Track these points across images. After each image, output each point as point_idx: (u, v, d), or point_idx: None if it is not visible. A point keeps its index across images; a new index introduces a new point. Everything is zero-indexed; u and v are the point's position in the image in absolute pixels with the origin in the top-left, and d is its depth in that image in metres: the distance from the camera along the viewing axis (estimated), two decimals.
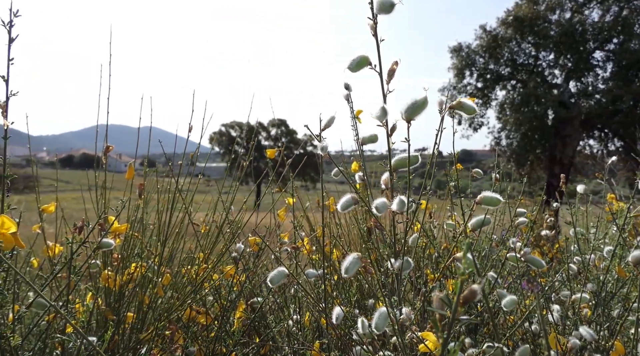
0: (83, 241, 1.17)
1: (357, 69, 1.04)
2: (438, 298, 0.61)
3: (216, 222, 1.96)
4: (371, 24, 1.01)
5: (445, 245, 2.46)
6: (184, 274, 1.89)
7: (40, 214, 1.69)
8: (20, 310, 1.16)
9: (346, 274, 0.97)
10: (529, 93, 17.23)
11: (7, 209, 1.14)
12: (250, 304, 1.71)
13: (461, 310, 0.59)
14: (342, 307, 1.20)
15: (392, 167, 1.10)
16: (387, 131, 1.08)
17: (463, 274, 0.57)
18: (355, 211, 2.50)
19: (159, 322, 1.52)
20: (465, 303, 0.58)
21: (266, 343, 1.66)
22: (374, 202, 1.08)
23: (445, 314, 0.60)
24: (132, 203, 1.78)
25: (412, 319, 1.04)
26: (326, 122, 1.17)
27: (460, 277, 0.58)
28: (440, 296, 0.60)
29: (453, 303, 0.58)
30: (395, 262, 1.15)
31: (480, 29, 18.53)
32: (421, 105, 0.93)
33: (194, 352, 1.57)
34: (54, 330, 1.55)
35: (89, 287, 1.34)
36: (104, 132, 1.81)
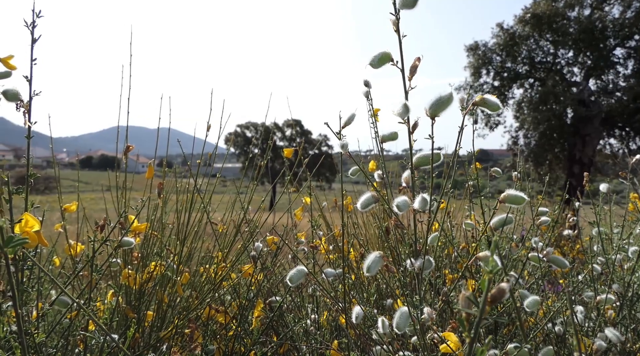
0: (105, 240, 1.18)
1: (378, 66, 1.03)
2: (465, 296, 0.60)
3: (234, 221, 1.96)
4: (393, 20, 1.00)
5: (463, 245, 2.43)
6: (202, 272, 1.90)
7: (63, 213, 1.72)
8: (43, 307, 1.18)
9: (368, 273, 0.96)
10: (548, 91, 16.94)
11: (30, 208, 1.16)
12: (269, 303, 1.71)
13: (488, 309, 0.58)
14: (362, 306, 1.19)
15: (414, 165, 1.09)
16: (408, 129, 1.07)
17: (490, 273, 0.56)
18: (373, 211, 2.49)
19: (179, 320, 1.53)
20: (493, 302, 0.57)
21: (285, 342, 1.65)
22: (395, 200, 1.07)
23: (472, 313, 0.58)
24: (150, 202, 1.80)
25: (434, 319, 1.02)
26: (346, 120, 1.16)
27: (486, 276, 0.57)
28: (467, 295, 0.59)
29: (480, 302, 0.57)
30: (416, 261, 1.13)
31: (497, 27, 18.30)
32: (446, 101, 0.91)
33: (213, 351, 1.57)
34: (76, 327, 1.57)
35: (111, 285, 1.35)
36: (123, 133, 1.83)
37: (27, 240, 0.59)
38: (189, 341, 1.37)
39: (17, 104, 1.07)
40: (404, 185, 1.15)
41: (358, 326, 1.36)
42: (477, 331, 0.58)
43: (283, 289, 2.10)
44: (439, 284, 1.93)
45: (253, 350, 1.59)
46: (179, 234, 1.72)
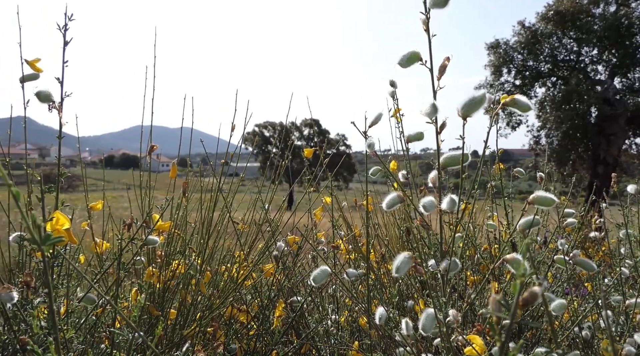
0: (132, 238, 1.20)
1: (407, 65, 1.02)
2: (495, 300, 0.59)
3: (255, 221, 1.98)
4: (423, 19, 0.99)
5: (485, 247, 2.40)
6: (223, 271, 1.91)
7: (89, 211, 1.76)
8: (72, 304, 1.20)
9: (397, 273, 0.95)
10: (571, 90, 16.59)
11: (60, 207, 1.18)
12: (290, 303, 1.72)
13: (520, 313, 0.57)
14: (385, 307, 1.18)
15: (441, 165, 1.08)
16: (436, 128, 1.06)
17: (522, 276, 0.55)
18: (393, 211, 2.47)
19: (203, 319, 1.54)
20: (525, 306, 0.56)
21: (306, 342, 1.66)
22: (422, 201, 1.06)
23: (503, 316, 0.57)
24: (173, 201, 1.82)
25: (459, 321, 1.01)
26: (373, 120, 1.16)
27: (518, 279, 0.56)
28: (498, 298, 0.58)
29: (512, 306, 0.56)
30: (442, 262, 1.12)
31: (518, 25, 18.01)
32: (479, 102, 0.90)
33: (235, 349, 1.59)
34: (101, 324, 1.60)
35: (139, 282, 1.38)
36: (145, 133, 1.86)
37: (63, 238, 0.60)
38: (212, 340, 1.39)
39: (49, 105, 1.09)
40: (430, 185, 1.14)
41: (381, 327, 1.35)
42: (508, 335, 0.57)
43: (303, 289, 2.10)
44: (461, 287, 1.91)
45: (275, 350, 1.60)
46: (203, 233, 1.74)
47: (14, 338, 1.15)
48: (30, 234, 0.60)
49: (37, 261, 1.30)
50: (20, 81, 1.45)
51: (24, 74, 1.43)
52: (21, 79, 1.44)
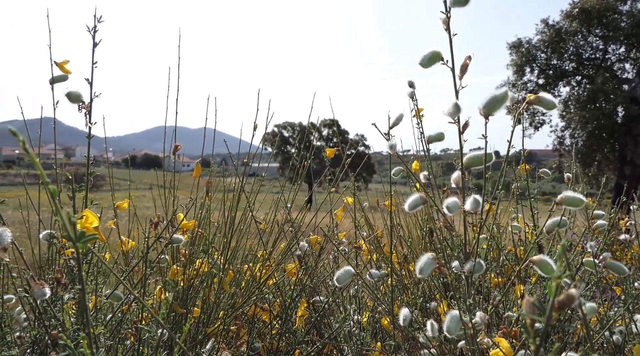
0: (158, 236, 1.22)
1: (428, 65, 1.01)
2: (529, 302, 0.58)
3: (278, 221, 1.99)
4: (444, 18, 0.98)
5: (509, 249, 2.36)
6: (245, 270, 1.93)
7: (115, 210, 1.79)
8: (101, 301, 1.23)
9: (421, 274, 0.94)
10: (597, 89, 16.19)
11: (90, 205, 1.21)
12: (313, 303, 1.72)
13: (555, 316, 0.56)
14: (410, 309, 1.17)
15: (464, 166, 1.07)
16: (459, 128, 1.05)
17: (559, 278, 0.54)
18: (416, 212, 2.45)
19: (227, 317, 1.56)
20: (561, 309, 0.55)
21: (329, 342, 1.66)
22: (445, 201, 1.05)
23: (538, 319, 0.56)
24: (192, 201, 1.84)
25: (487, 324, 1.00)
26: (394, 120, 1.15)
27: (555, 281, 0.54)
28: (532, 301, 0.57)
29: (547, 309, 0.55)
30: (466, 264, 1.11)
31: (542, 23, 17.66)
32: (501, 100, 0.89)
33: (258, 348, 1.60)
34: (127, 320, 1.63)
35: (167, 280, 1.40)
36: (168, 133, 1.88)
37: (96, 236, 0.61)
38: (235, 338, 1.40)
39: (79, 105, 1.12)
40: (453, 186, 1.13)
41: (405, 328, 1.34)
42: (543, 338, 0.56)
43: (324, 290, 2.10)
44: (485, 289, 1.88)
45: (298, 349, 1.60)
46: (226, 232, 1.75)
47: (45, 332, 1.18)
48: (65, 232, 0.61)
49: (66, 258, 1.33)
50: (50, 82, 1.49)
51: (53, 76, 1.46)
52: (51, 81, 1.48)
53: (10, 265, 1.30)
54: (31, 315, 1.49)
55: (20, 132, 0.57)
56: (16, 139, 0.51)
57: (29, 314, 1.50)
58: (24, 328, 1.55)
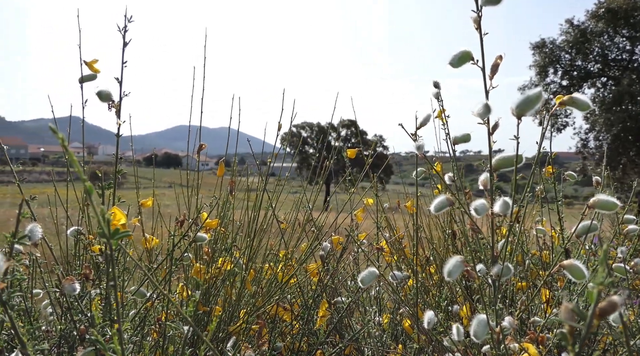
0: (184, 234, 1.23)
1: (459, 65, 1.00)
2: (568, 308, 0.56)
3: (299, 221, 1.99)
4: (475, 17, 0.96)
5: (534, 252, 2.32)
6: (266, 270, 1.93)
7: (140, 208, 1.82)
8: (127, 297, 1.25)
9: (449, 277, 0.93)
10: (623, 91, 15.81)
11: (117, 203, 1.23)
12: (334, 303, 1.72)
13: (596, 323, 0.54)
14: (435, 311, 1.16)
15: (493, 168, 1.05)
16: (488, 129, 1.03)
17: (601, 284, 0.52)
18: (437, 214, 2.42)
19: (249, 316, 1.56)
20: (603, 315, 0.53)
21: (350, 343, 1.65)
22: (473, 203, 1.03)
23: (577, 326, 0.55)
24: (215, 199, 1.85)
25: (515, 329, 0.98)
26: (422, 121, 1.14)
27: (597, 287, 0.53)
28: (571, 307, 0.55)
29: (588, 316, 0.53)
30: (493, 268, 1.09)
31: (566, 24, 17.33)
32: (534, 100, 0.87)
33: (280, 348, 1.60)
34: (151, 317, 1.65)
35: (193, 278, 1.41)
36: (186, 132, 1.90)
37: (129, 233, 0.62)
38: (257, 338, 1.40)
39: (109, 104, 1.14)
40: (480, 188, 1.11)
41: (429, 331, 1.33)
42: (582, 345, 0.54)
43: (345, 291, 2.09)
44: (510, 293, 1.85)
45: (320, 350, 1.60)
46: (249, 232, 1.76)
47: (73, 327, 1.20)
48: (99, 228, 0.62)
49: (94, 254, 1.36)
50: (80, 81, 1.51)
51: (82, 75, 1.49)
52: (80, 80, 1.51)
53: (40, 260, 1.33)
54: (57, 309, 1.52)
55: (47, 130, 0.58)
56: (56, 137, 0.52)
57: (55, 308, 1.53)
58: (49, 322, 1.58)
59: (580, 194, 39.32)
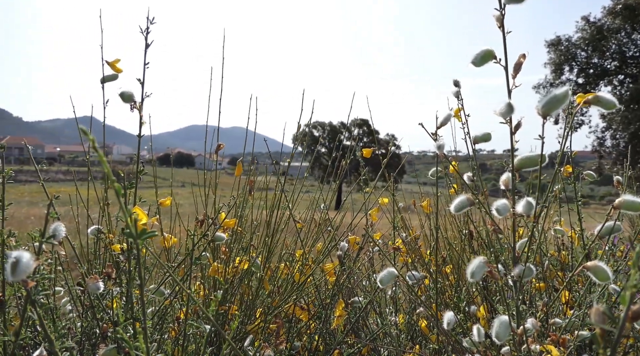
0: (204, 234, 1.24)
1: (481, 64, 0.99)
2: (599, 311, 0.55)
3: (315, 220, 1.99)
4: (497, 16, 0.95)
5: (552, 252, 2.29)
6: (282, 269, 1.94)
7: (158, 208, 1.83)
8: (147, 295, 1.26)
9: (472, 278, 0.92)
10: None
11: (138, 202, 1.24)
12: (351, 303, 1.72)
13: (629, 326, 0.53)
14: (454, 312, 1.15)
15: (516, 167, 1.04)
16: (510, 129, 1.02)
17: (634, 287, 0.51)
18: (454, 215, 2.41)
19: (267, 315, 1.57)
20: (635, 319, 0.52)
21: (368, 343, 1.65)
22: (495, 203, 1.02)
23: (609, 329, 0.54)
24: (227, 199, 1.86)
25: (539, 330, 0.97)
26: (442, 121, 1.13)
27: (629, 289, 0.52)
28: (603, 309, 0.55)
29: (620, 318, 0.53)
30: (515, 268, 1.08)
31: (582, 21, 17.07)
32: (561, 99, 0.85)
33: (298, 347, 1.60)
34: (170, 316, 1.67)
35: (216, 279, 1.42)
36: (199, 132, 1.91)
37: (156, 232, 0.63)
38: (275, 337, 1.40)
39: (131, 105, 1.15)
40: (502, 188, 1.10)
41: (448, 332, 1.32)
42: (614, 349, 0.54)
43: (361, 291, 2.09)
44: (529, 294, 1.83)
45: (337, 349, 1.60)
46: (267, 232, 1.77)
47: (96, 325, 1.22)
48: (126, 228, 0.63)
49: (115, 253, 1.37)
50: (101, 81, 1.53)
51: (104, 75, 1.51)
52: (102, 80, 1.52)
53: (62, 259, 1.35)
54: (79, 307, 1.54)
55: (63, 130, 0.59)
56: (87, 138, 0.52)
57: (77, 306, 1.56)
58: (69, 320, 1.60)
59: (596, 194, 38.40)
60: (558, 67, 17.22)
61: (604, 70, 17.00)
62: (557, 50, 17.09)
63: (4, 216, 1.11)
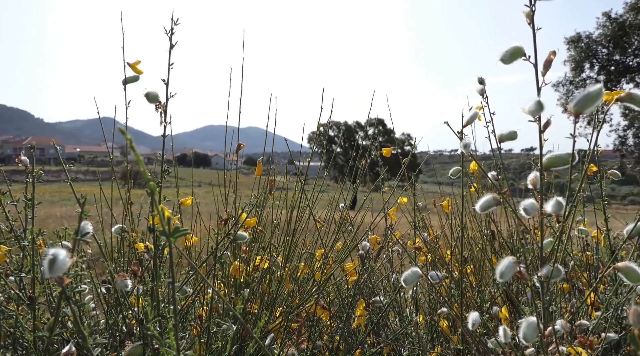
0: (227, 233, 1.24)
1: (510, 61, 0.98)
2: (638, 311, 0.54)
3: (335, 220, 1.99)
4: (527, 12, 0.94)
5: (575, 253, 2.25)
6: (301, 268, 1.94)
7: (180, 207, 1.85)
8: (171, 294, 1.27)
9: (502, 279, 0.91)
10: None
11: (163, 201, 1.25)
12: (372, 303, 1.71)
13: None
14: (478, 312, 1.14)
15: (544, 166, 1.02)
16: (539, 127, 1.00)
17: None
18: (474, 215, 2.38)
19: (289, 314, 1.57)
20: None
21: (389, 344, 1.64)
22: (522, 203, 1.01)
23: None
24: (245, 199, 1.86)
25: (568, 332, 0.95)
26: (468, 119, 1.12)
27: None
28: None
29: None
30: (543, 269, 1.06)
31: (603, 17, 16.72)
32: (595, 97, 0.84)
33: (320, 346, 1.60)
34: (191, 314, 1.68)
35: (245, 277, 1.43)
36: (213, 132, 1.92)
37: (188, 231, 0.63)
38: (297, 335, 1.41)
39: (156, 105, 1.16)
40: (530, 187, 1.08)
41: (473, 333, 1.30)
42: None
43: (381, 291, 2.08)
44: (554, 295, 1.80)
45: (359, 349, 1.60)
46: (288, 231, 1.77)
47: (123, 322, 1.23)
48: (160, 227, 0.63)
49: (139, 252, 1.39)
50: (123, 82, 1.55)
51: (126, 76, 1.53)
52: (124, 81, 1.55)
53: (88, 257, 1.37)
54: (103, 304, 1.57)
55: (82, 131, 0.60)
56: (124, 137, 0.53)
57: (101, 303, 1.58)
58: (92, 317, 1.63)
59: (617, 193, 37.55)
60: (578, 64, 16.91)
61: (625, 67, 16.62)
62: (577, 47, 16.78)
63: (33, 214, 1.14)
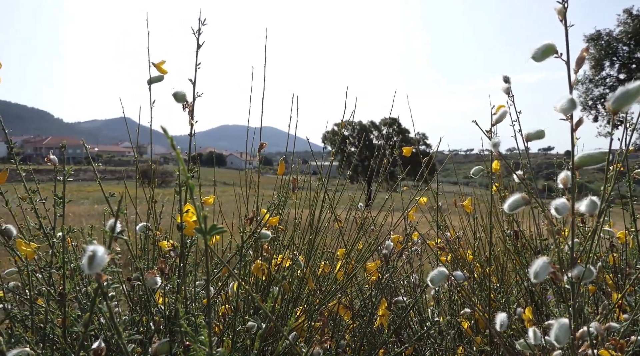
0: (252, 231, 1.25)
1: (542, 59, 0.96)
2: None
3: (356, 219, 1.99)
4: (559, 9, 0.92)
5: (601, 254, 2.21)
6: (322, 268, 1.94)
7: (202, 206, 1.87)
8: (196, 291, 1.28)
9: (536, 279, 0.90)
10: None
11: (189, 200, 1.26)
12: (395, 303, 1.70)
13: None
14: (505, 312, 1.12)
15: (576, 165, 1.00)
16: (571, 125, 0.99)
17: None
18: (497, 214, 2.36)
19: (312, 313, 1.58)
20: None
21: (413, 344, 1.63)
22: (553, 202, 0.99)
23: None
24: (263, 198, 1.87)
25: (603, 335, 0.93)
26: (497, 118, 1.11)
27: None
28: None
29: None
30: (574, 270, 1.04)
31: (624, 14, 16.38)
32: (634, 94, 0.82)
33: (343, 345, 1.60)
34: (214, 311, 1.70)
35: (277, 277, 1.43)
36: (228, 132, 1.93)
37: (224, 229, 0.63)
38: (321, 334, 1.41)
39: (183, 105, 1.17)
40: (560, 186, 1.06)
41: (501, 334, 1.29)
42: None
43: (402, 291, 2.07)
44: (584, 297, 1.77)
45: (383, 348, 1.59)
46: (310, 231, 1.77)
47: (151, 319, 1.25)
48: (187, 225, 0.64)
49: (168, 250, 1.41)
50: (148, 82, 1.57)
51: (151, 76, 1.55)
52: (148, 81, 1.57)
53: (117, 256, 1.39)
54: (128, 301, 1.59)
55: (101, 131, 0.61)
56: (166, 136, 0.53)
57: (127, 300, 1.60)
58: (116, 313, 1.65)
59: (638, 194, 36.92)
60: (598, 62, 16.62)
61: None
62: (597, 44, 16.47)
63: (64, 212, 1.16)
